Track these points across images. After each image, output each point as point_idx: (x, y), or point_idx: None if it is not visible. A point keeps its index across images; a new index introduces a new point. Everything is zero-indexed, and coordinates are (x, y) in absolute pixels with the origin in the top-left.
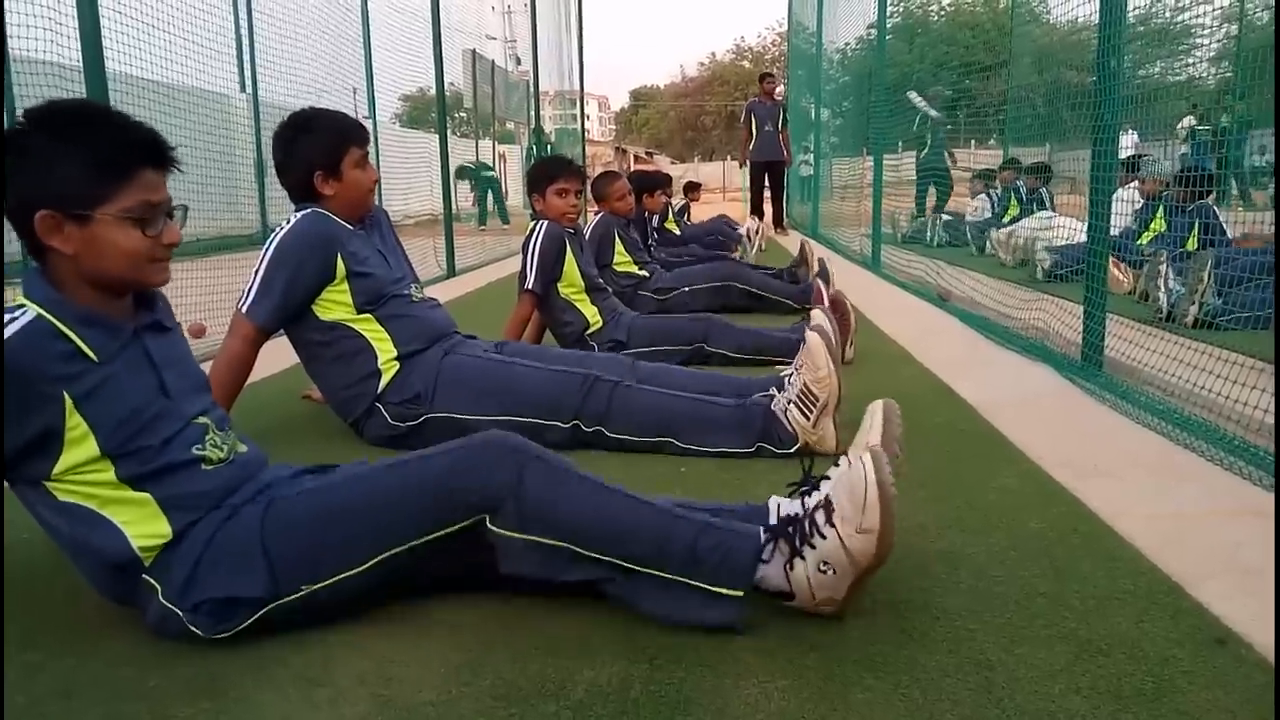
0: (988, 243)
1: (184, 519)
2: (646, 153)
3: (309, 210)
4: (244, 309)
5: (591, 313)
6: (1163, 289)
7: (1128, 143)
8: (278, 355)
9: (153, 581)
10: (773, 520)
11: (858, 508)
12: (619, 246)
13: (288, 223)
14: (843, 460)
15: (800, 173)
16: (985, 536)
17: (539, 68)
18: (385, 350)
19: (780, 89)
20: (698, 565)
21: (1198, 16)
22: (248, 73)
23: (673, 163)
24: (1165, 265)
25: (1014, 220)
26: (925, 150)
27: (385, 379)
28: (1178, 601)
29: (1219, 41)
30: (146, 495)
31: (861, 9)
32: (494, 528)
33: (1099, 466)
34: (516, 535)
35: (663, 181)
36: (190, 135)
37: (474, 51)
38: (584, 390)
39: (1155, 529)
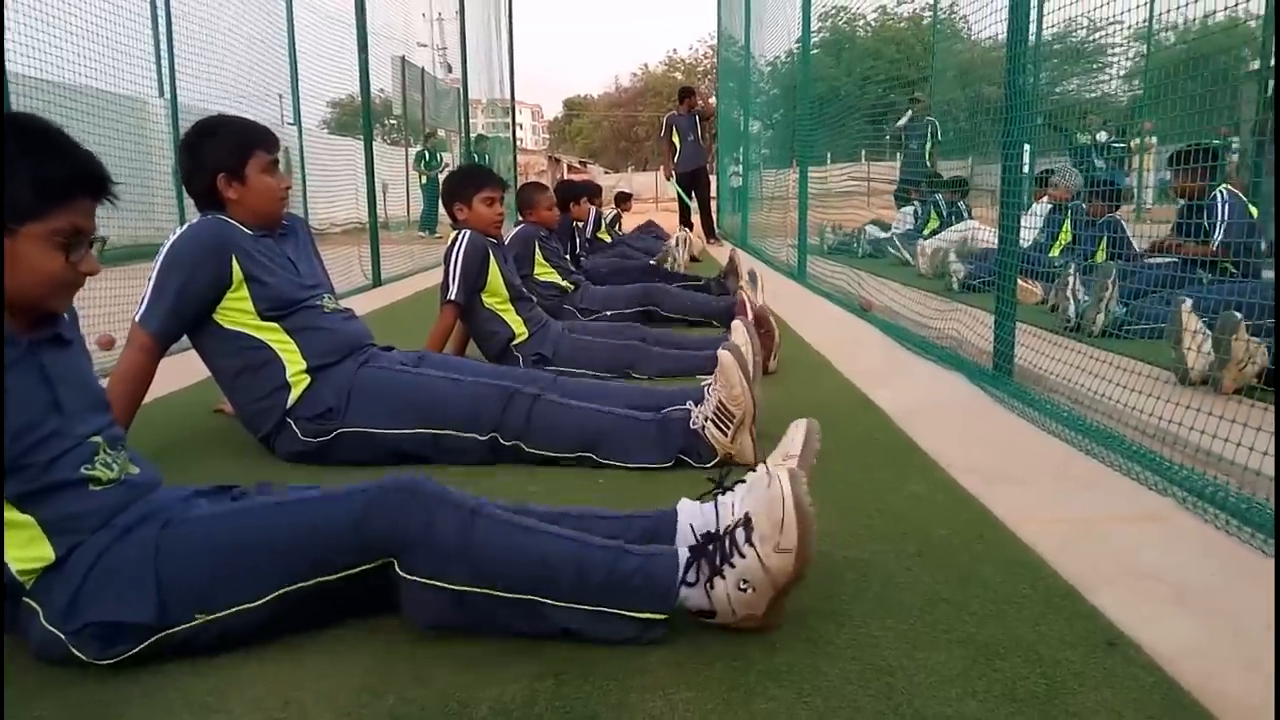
0: (912, 252)
1: (68, 542)
2: (580, 162)
3: (205, 216)
4: (138, 318)
5: (517, 323)
6: (1071, 300)
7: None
8: (190, 368)
9: (34, 604)
10: (682, 526)
11: (775, 526)
12: (539, 256)
13: (182, 228)
14: (759, 470)
15: (731, 184)
16: (894, 544)
17: (470, 75)
18: (294, 362)
19: (711, 101)
20: (620, 592)
21: (1109, 36)
22: (166, 77)
23: (606, 173)
24: (1073, 277)
25: (934, 233)
26: (901, 161)
27: (295, 393)
28: (1074, 605)
29: (1130, 60)
30: (29, 518)
31: (788, 24)
32: (403, 573)
33: (1006, 473)
34: (428, 581)
35: (589, 190)
36: (102, 140)
37: (403, 58)
38: (503, 403)
39: (1056, 534)
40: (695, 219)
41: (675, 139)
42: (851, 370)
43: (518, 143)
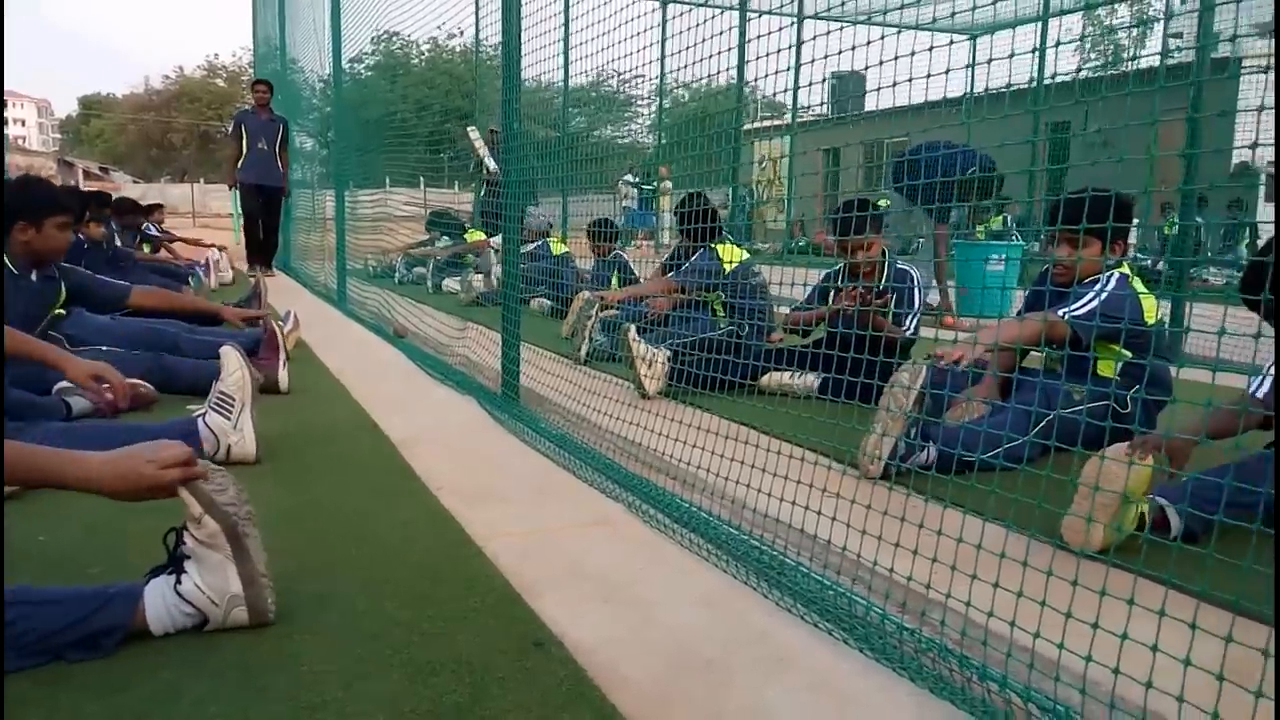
0: (443, 281)
1: None
2: (100, 168)
3: None
4: None
5: None
6: (587, 340)
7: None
8: None
9: None
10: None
11: (195, 517)
12: None
13: None
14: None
15: None
16: (366, 572)
17: None
18: None
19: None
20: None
21: (637, 88)
22: None
23: (135, 181)
24: (594, 313)
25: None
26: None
27: None
28: (514, 611)
29: (654, 112)
30: None
31: (320, 43)
32: None
33: (490, 492)
34: None
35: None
36: None
37: None
38: None
39: (518, 545)
40: (243, 237)
41: (243, 141)
42: (368, 396)
43: (15, 141)
